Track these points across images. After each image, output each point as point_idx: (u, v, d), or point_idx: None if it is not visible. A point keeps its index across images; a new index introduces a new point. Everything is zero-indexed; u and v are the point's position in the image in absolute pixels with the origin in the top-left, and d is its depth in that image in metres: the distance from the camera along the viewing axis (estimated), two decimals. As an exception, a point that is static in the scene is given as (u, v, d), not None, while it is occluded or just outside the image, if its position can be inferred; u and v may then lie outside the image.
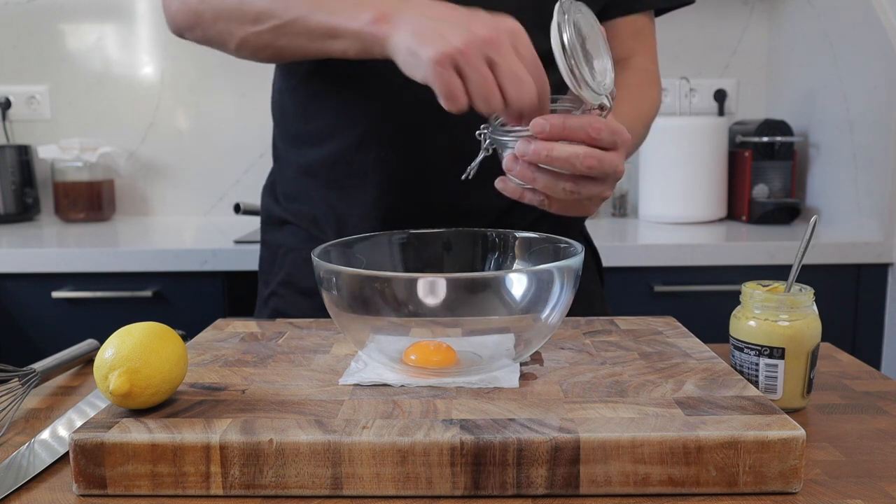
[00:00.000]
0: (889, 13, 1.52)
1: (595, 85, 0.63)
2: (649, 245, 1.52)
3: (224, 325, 0.76)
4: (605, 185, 0.67)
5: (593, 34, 0.65)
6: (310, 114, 0.88)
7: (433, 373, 0.58)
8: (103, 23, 1.98)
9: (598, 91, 0.63)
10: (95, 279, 1.49)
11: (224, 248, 1.48)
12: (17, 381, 0.66)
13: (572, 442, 0.47)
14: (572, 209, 0.69)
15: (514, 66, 0.61)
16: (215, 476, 0.48)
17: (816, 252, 1.50)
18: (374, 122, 0.83)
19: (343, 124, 0.85)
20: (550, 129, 0.62)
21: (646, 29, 0.94)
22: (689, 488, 0.48)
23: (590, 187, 0.66)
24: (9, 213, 1.87)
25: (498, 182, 0.69)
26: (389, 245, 0.71)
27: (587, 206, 0.70)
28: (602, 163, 0.63)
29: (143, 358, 0.52)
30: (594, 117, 0.64)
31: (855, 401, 0.65)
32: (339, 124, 0.85)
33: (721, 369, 0.60)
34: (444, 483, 0.48)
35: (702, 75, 1.99)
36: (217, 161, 2.02)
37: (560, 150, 0.63)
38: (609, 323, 0.76)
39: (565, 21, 0.62)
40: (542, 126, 0.62)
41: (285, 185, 0.93)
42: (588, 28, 0.64)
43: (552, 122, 0.62)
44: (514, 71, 0.61)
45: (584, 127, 0.63)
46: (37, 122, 2.00)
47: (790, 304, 0.61)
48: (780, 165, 1.78)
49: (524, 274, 0.58)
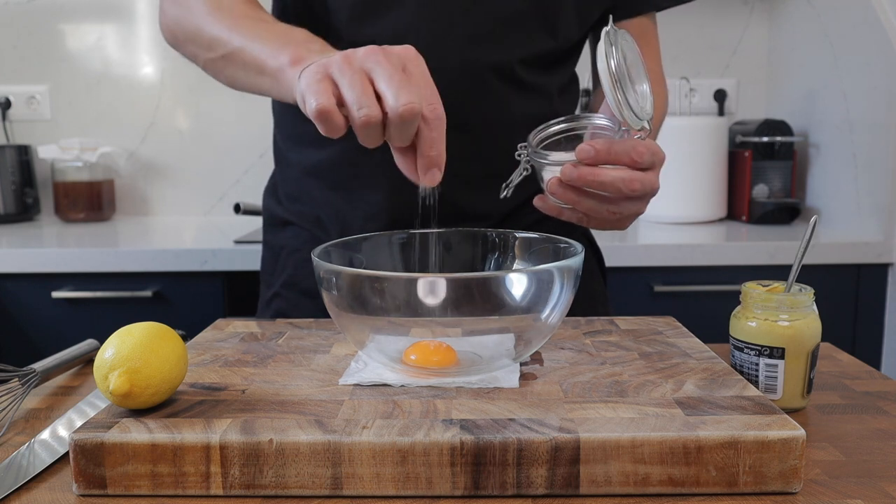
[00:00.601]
0: (889, 13, 1.52)
1: (638, 110, 0.64)
2: (649, 245, 1.52)
3: (224, 325, 0.76)
4: (642, 203, 0.70)
5: (635, 60, 0.66)
6: None
7: (433, 373, 0.58)
8: (103, 23, 1.98)
9: (641, 116, 0.65)
10: (95, 279, 1.49)
11: (224, 248, 1.48)
12: (17, 381, 0.66)
13: (572, 442, 0.47)
14: (609, 225, 0.73)
15: (392, 73, 0.56)
16: (215, 476, 0.48)
17: (816, 252, 1.50)
18: None
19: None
20: (596, 155, 0.64)
21: (649, 31, 0.94)
22: (689, 488, 0.48)
23: (629, 206, 0.68)
24: (9, 213, 1.87)
25: (537, 200, 0.72)
26: (389, 245, 0.71)
27: (624, 222, 0.73)
28: (644, 185, 0.66)
29: (143, 358, 0.52)
30: (636, 141, 0.66)
31: (855, 401, 0.65)
32: None
33: (721, 369, 0.60)
34: (444, 483, 0.48)
35: (702, 75, 1.99)
36: (217, 161, 2.02)
37: (606, 175, 0.65)
38: (609, 323, 0.76)
39: (612, 50, 0.63)
40: (588, 152, 0.64)
41: (288, 186, 0.93)
42: (631, 54, 0.66)
43: (597, 147, 0.64)
44: (391, 77, 0.55)
45: (627, 152, 0.65)
46: (37, 122, 2.00)
47: (790, 304, 0.61)
48: (780, 165, 1.78)
49: (524, 274, 0.58)
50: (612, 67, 0.63)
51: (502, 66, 0.82)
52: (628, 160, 0.65)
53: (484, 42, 0.80)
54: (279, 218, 0.95)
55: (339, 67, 0.56)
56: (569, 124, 0.72)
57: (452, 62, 0.79)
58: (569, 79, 0.91)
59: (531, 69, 0.84)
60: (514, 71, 0.82)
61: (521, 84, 0.83)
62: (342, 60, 0.56)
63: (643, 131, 0.66)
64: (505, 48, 0.81)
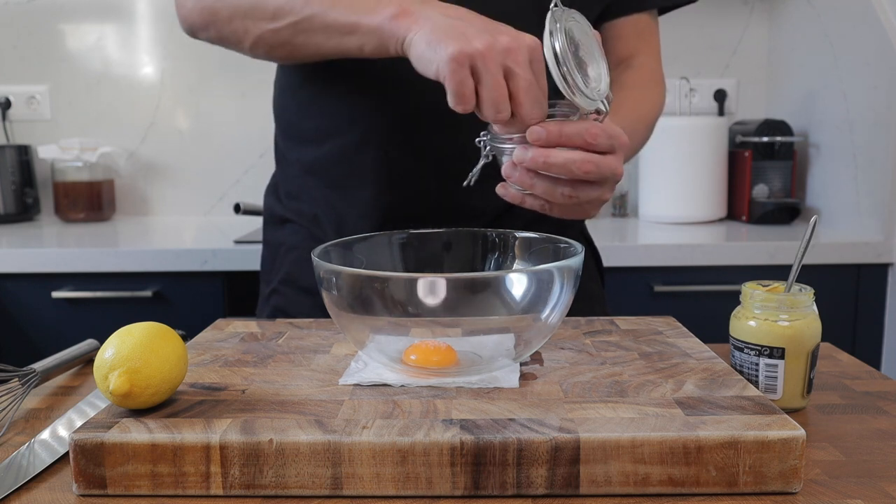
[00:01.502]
0: (889, 13, 1.52)
1: (589, 91, 0.63)
2: (649, 245, 1.52)
3: (224, 325, 0.76)
4: (603, 189, 0.67)
5: (586, 40, 0.65)
6: (311, 112, 0.88)
7: (433, 373, 0.58)
8: (103, 23, 1.98)
9: (593, 97, 0.64)
10: (95, 279, 1.49)
11: (224, 248, 1.48)
12: (17, 381, 0.66)
13: (572, 442, 0.47)
14: (572, 213, 0.70)
15: (531, 79, 0.61)
16: (215, 476, 0.48)
17: (816, 252, 1.50)
18: (374, 121, 0.83)
19: (343, 123, 0.85)
20: (547, 136, 0.63)
21: (649, 28, 0.94)
22: (689, 488, 0.48)
23: (588, 191, 0.66)
24: (9, 213, 1.87)
25: (499, 188, 0.70)
26: (389, 245, 0.71)
27: (587, 209, 0.70)
28: (599, 167, 0.64)
29: (143, 358, 0.52)
30: (591, 123, 0.64)
31: (855, 401, 0.65)
32: (339, 123, 0.85)
33: (721, 369, 0.60)
34: (444, 483, 0.48)
35: (702, 75, 1.99)
36: (217, 161, 2.02)
37: (556, 156, 0.63)
38: (609, 323, 0.76)
39: (557, 29, 0.62)
40: (539, 133, 0.63)
41: (287, 184, 0.94)
42: (581, 34, 0.65)
43: (549, 129, 0.63)
44: (532, 84, 0.61)
45: (580, 133, 0.63)
46: (37, 122, 2.00)
47: (790, 304, 0.61)
48: (780, 165, 1.78)
49: (524, 274, 0.58)
50: (556, 49, 0.62)
51: None
52: (581, 142, 0.63)
53: None
54: (278, 216, 0.95)
55: (483, 61, 0.60)
56: None
57: None
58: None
59: None
60: None
61: None
62: (486, 52, 0.60)
63: (601, 114, 0.65)
64: None
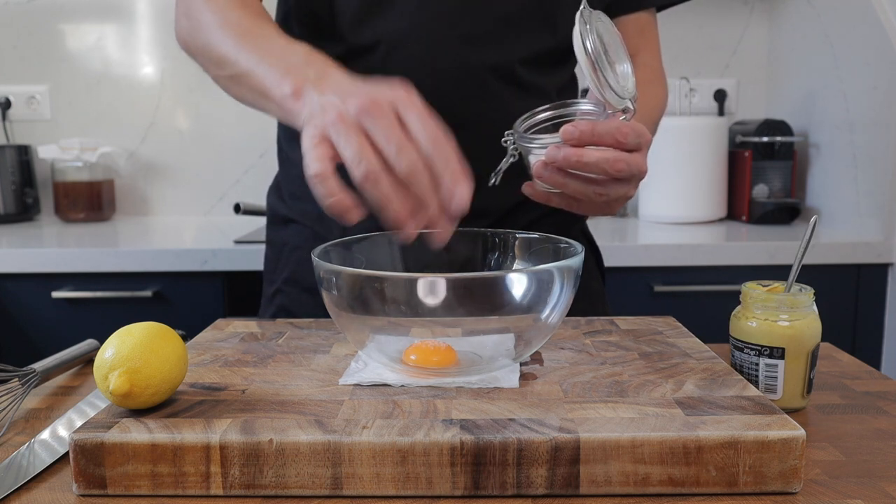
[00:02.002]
0: (889, 13, 1.52)
1: (619, 90, 0.64)
2: (649, 245, 1.52)
3: (224, 325, 0.76)
4: (630, 185, 0.69)
5: (613, 41, 0.66)
6: None
7: (433, 373, 0.58)
8: (103, 23, 1.98)
9: (622, 95, 0.65)
10: (95, 279, 1.49)
11: (224, 248, 1.48)
12: (17, 381, 0.66)
13: (572, 442, 0.47)
14: (599, 210, 0.72)
15: (388, 131, 0.54)
16: (215, 476, 0.48)
17: (816, 252, 1.50)
18: None
19: None
20: (580, 136, 0.64)
21: (649, 26, 0.94)
22: (689, 488, 0.48)
23: (617, 188, 0.68)
24: (9, 213, 1.87)
25: (525, 187, 0.71)
26: (389, 245, 0.71)
27: (613, 206, 0.72)
28: (630, 165, 0.65)
29: (143, 358, 0.52)
30: (620, 121, 0.65)
31: (855, 401, 0.65)
32: None
33: (721, 369, 0.60)
34: (444, 483, 0.48)
35: (702, 75, 1.99)
36: (217, 161, 2.02)
37: (590, 155, 0.64)
38: (609, 323, 0.76)
39: (587, 30, 0.63)
40: (572, 133, 0.64)
41: (291, 185, 0.94)
42: (608, 35, 0.66)
43: (581, 128, 0.64)
44: (388, 135, 0.54)
45: (611, 132, 0.64)
46: (37, 122, 2.00)
47: (790, 304, 0.61)
48: (780, 165, 1.78)
49: (524, 274, 0.58)
50: (589, 48, 0.63)
51: (502, 66, 0.82)
52: (612, 141, 0.64)
53: (484, 42, 0.81)
54: (282, 216, 0.96)
55: (335, 127, 0.55)
56: (556, 111, 0.72)
57: (452, 63, 0.80)
58: (568, 79, 0.91)
59: (531, 69, 0.84)
60: (514, 71, 0.83)
61: (521, 84, 0.84)
62: (337, 119, 0.55)
63: (627, 112, 0.66)
64: (505, 48, 0.82)
